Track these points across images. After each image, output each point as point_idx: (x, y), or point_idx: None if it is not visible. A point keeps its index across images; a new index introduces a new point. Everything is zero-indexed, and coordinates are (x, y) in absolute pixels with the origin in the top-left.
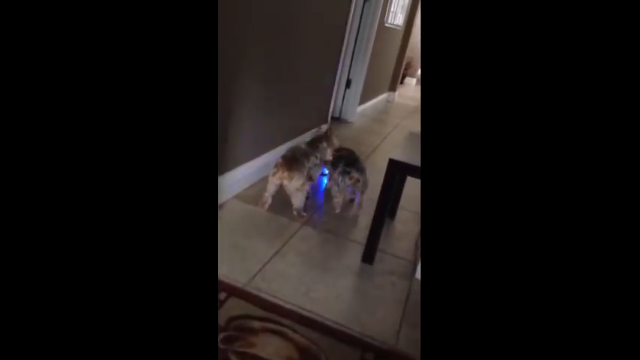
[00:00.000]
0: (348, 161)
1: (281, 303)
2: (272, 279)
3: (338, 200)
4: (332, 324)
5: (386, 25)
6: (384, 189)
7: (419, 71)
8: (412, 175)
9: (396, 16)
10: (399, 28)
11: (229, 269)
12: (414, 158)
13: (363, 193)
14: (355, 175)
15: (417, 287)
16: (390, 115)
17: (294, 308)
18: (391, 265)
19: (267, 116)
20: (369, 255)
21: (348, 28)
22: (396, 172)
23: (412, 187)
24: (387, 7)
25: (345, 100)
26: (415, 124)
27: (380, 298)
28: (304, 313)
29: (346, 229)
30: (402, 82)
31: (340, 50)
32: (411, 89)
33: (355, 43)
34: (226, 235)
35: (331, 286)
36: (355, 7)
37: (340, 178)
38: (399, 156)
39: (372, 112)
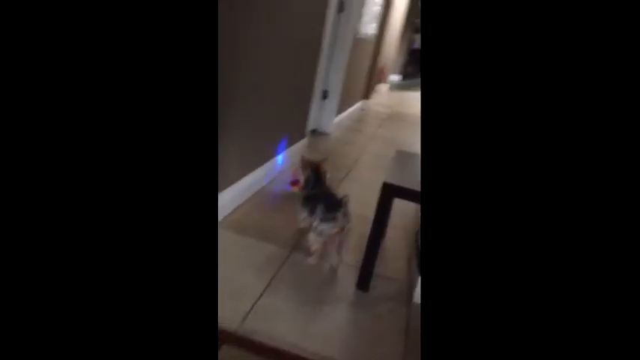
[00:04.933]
0: (327, 203)
1: (279, 345)
2: (266, 317)
3: (316, 248)
4: None
5: (359, 35)
6: (379, 213)
7: (390, 77)
8: (407, 199)
9: (369, 26)
10: (372, 38)
11: (219, 313)
12: (409, 181)
13: (343, 245)
14: (340, 223)
15: (416, 312)
16: (366, 124)
17: (294, 350)
18: (386, 289)
19: (246, 138)
20: (364, 282)
21: (324, 39)
22: (392, 195)
23: (396, 201)
24: (360, 17)
25: (321, 111)
26: (392, 133)
27: (380, 329)
28: (305, 355)
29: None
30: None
31: (317, 62)
32: (383, 96)
33: (330, 53)
34: None
35: (329, 320)
36: (329, 19)
37: (321, 226)
38: (393, 179)
39: (348, 122)
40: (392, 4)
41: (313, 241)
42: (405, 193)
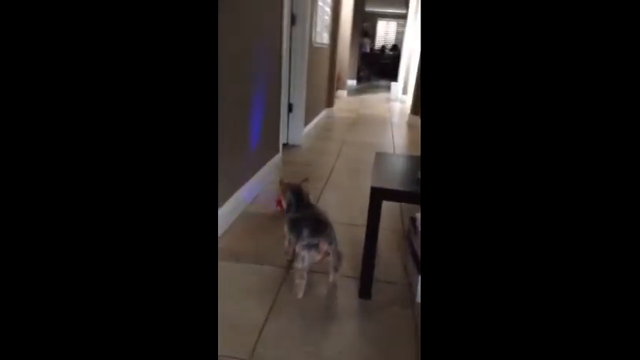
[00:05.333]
0: (312, 227)
1: None
2: (275, 344)
3: (300, 282)
4: None
5: (315, 44)
6: (371, 219)
7: (348, 82)
8: (397, 200)
9: (322, 36)
10: (326, 46)
11: (221, 348)
12: (395, 182)
13: (337, 269)
14: (324, 247)
15: (420, 312)
16: (335, 131)
17: None
18: (388, 294)
19: (224, 159)
20: (365, 290)
21: (283, 51)
22: (381, 198)
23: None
24: (312, 27)
25: (289, 124)
26: (361, 136)
27: (390, 334)
28: None
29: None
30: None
31: (280, 75)
32: (344, 102)
33: (290, 66)
34: None
35: (339, 335)
36: (285, 31)
37: (305, 253)
38: (380, 183)
39: (316, 132)
40: (340, 11)
41: (298, 271)
42: (395, 195)
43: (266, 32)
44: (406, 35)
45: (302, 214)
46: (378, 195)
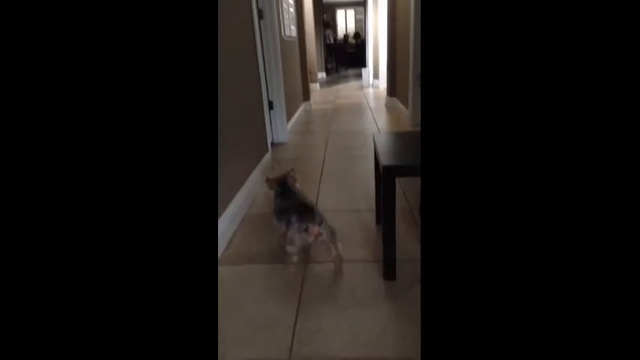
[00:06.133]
0: (299, 212)
1: None
2: (310, 340)
3: (295, 259)
4: None
5: (285, 38)
6: (387, 198)
7: (319, 74)
8: (409, 176)
9: (290, 29)
10: (295, 39)
11: (259, 351)
12: (403, 158)
13: (335, 242)
14: (314, 229)
15: None
16: (317, 124)
17: None
18: (411, 272)
19: (222, 165)
20: (390, 272)
21: (258, 47)
22: (393, 176)
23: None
24: (281, 20)
25: (272, 122)
26: (345, 125)
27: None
28: None
29: (349, 249)
30: None
31: (258, 73)
32: (318, 94)
33: (264, 62)
34: (232, 310)
35: (373, 321)
36: (256, 26)
37: (297, 237)
38: (389, 161)
39: (299, 127)
40: (303, 3)
41: (290, 249)
42: (408, 171)
43: (237, 29)
44: (368, 21)
45: (288, 202)
46: (390, 173)
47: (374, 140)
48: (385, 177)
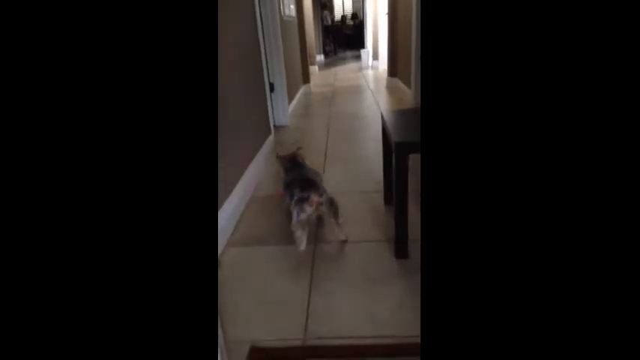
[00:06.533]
0: (302, 186)
1: (355, 342)
2: (326, 319)
3: (300, 234)
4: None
5: (284, 18)
6: (399, 176)
7: (317, 57)
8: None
9: (290, 7)
10: (294, 19)
11: (274, 331)
12: (415, 135)
13: (337, 215)
14: (314, 198)
15: None
16: (318, 107)
17: (371, 341)
18: None
19: (227, 148)
20: (402, 250)
21: (258, 27)
22: (407, 153)
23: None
24: None
25: (273, 105)
26: (346, 107)
27: None
28: (389, 341)
29: (359, 230)
30: None
31: (260, 54)
32: (317, 77)
33: (264, 42)
34: (244, 292)
35: (388, 298)
36: (256, 4)
37: (298, 207)
38: (400, 137)
39: (299, 110)
40: None
41: (295, 227)
42: (418, 147)
43: (238, 6)
44: (367, 1)
45: (295, 175)
46: (403, 149)
47: (382, 118)
48: (397, 153)
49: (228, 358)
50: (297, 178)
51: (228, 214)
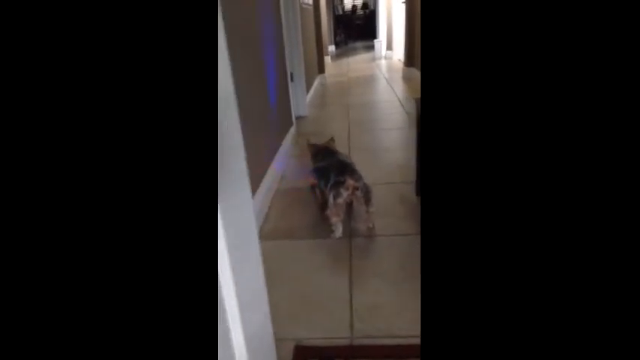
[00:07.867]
0: (338, 170)
1: (404, 342)
2: (371, 316)
3: (336, 221)
4: None
5: (302, 5)
6: (423, 127)
7: (329, 47)
8: None
9: None
10: (311, 7)
11: (318, 329)
12: None
13: (369, 203)
14: (351, 182)
15: None
16: (334, 97)
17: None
18: None
19: (254, 138)
20: None
21: (282, 12)
22: None
23: None
24: None
25: (293, 95)
26: (363, 98)
27: None
28: None
29: (394, 223)
30: None
31: (282, 41)
32: (330, 67)
33: (287, 30)
34: (283, 287)
35: None
36: None
37: (333, 193)
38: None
39: (316, 100)
40: None
41: (331, 212)
42: None
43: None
44: None
45: (328, 162)
46: None
47: (417, 106)
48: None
49: (278, 356)
50: (333, 163)
51: (257, 207)
